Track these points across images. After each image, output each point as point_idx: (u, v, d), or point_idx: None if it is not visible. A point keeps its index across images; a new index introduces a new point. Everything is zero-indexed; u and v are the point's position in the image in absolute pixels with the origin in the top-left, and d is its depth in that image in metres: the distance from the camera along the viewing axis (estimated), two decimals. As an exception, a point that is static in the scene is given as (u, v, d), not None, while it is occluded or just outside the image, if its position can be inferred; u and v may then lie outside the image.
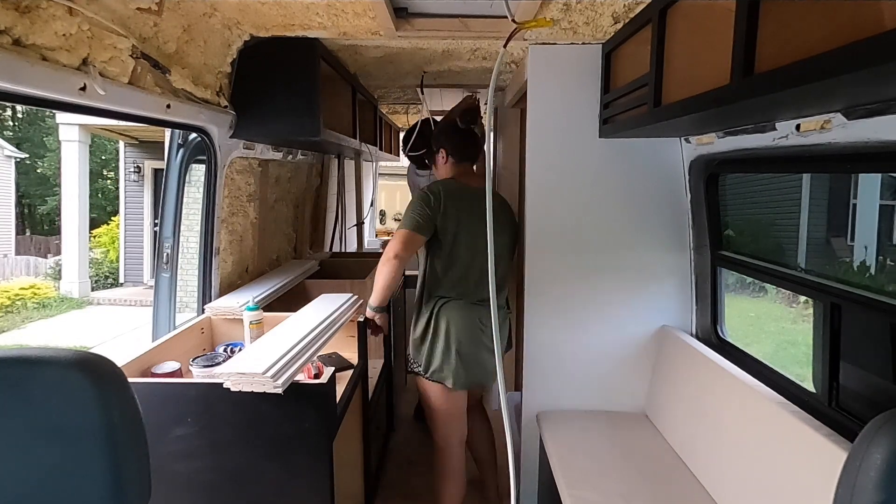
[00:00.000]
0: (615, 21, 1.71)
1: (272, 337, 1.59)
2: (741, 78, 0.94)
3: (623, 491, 1.54)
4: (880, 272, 4.65)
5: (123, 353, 1.51)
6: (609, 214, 1.94)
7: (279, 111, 1.88)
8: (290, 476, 1.40)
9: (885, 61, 0.64)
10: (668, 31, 1.28)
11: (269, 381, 1.30)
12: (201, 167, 1.94)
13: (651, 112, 1.34)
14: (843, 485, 0.72)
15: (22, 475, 0.81)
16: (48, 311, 8.04)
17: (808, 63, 0.76)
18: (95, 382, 0.81)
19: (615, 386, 2.00)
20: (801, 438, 1.19)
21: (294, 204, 2.97)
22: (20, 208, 14.19)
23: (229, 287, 2.12)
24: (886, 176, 5.30)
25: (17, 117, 15.50)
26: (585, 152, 1.91)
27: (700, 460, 1.60)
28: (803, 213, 5.70)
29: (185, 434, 1.37)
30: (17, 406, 0.80)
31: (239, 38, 1.77)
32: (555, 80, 1.89)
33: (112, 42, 1.21)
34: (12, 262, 10.08)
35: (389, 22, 1.65)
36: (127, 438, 0.83)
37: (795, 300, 5.28)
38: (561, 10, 1.69)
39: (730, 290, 2.08)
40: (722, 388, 1.54)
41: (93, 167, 11.34)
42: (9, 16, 0.95)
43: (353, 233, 3.88)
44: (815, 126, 1.11)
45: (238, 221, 2.16)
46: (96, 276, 9.42)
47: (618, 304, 1.97)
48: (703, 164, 1.76)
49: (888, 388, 1.14)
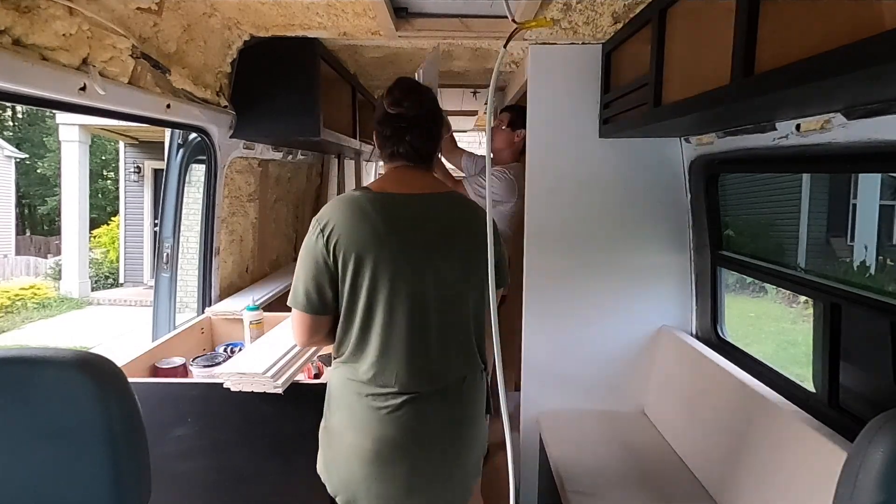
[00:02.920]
0: (615, 21, 1.71)
1: (272, 337, 1.59)
2: (741, 78, 0.94)
3: (623, 491, 1.54)
4: (880, 272, 4.65)
5: (123, 353, 1.50)
6: (609, 214, 1.94)
7: (279, 111, 1.88)
8: (290, 476, 1.40)
9: (885, 61, 0.64)
10: (668, 31, 1.28)
11: (269, 381, 1.30)
12: (201, 167, 1.94)
13: (651, 112, 1.34)
14: (843, 485, 0.72)
15: (22, 475, 0.81)
16: (48, 311, 8.04)
17: (808, 63, 0.76)
18: (95, 382, 0.80)
19: (615, 386, 1.99)
20: (801, 438, 1.19)
21: (294, 204, 2.97)
22: (20, 208, 14.18)
23: (229, 287, 2.12)
24: (886, 176, 5.30)
25: (17, 117, 15.49)
26: (585, 152, 1.91)
27: (700, 460, 1.59)
28: (803, 213, 5.70)
29: (185, 434, 1.37)
30: (17, 406, 0.80)
31: (239, 38, 1.77)
32: (555, 80, 1.89)
33: (112, 42, 1.21)
34: (12, 263, 10.07)
35: (389, 22, 1.65)
36: (127, 438, 0.83)
37: (795, 300, 5.28)
38: (561, 10, 1.69)
39: (730, 290, 2.09)
40: (722, 388, 1.54)
41: (93, 167, 11.34)
42: (9, 16, 0.95)
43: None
44: (816, 126, 1.11)
45: (238, 221, 2.16)
46: (96, 276, 9.41)
47: (618, 304, 1.96)
48: (703, 164, 1.76)
49: (888, 388, 1.14)
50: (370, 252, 1.11)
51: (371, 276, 1.11)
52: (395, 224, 1.13)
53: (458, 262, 1.17)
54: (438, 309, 1.15)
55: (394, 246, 1.12)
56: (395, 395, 1.13)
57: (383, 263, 1.11)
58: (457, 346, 1.20)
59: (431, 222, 1.17)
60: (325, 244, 1.12)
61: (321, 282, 1.13)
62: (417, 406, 1.14)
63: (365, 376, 1.13)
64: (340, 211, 1.14)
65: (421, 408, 1.14)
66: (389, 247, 1.11)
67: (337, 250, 1.11)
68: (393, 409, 1.12)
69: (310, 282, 1.14)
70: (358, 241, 1.11)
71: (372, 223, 1.12)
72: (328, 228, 1.12)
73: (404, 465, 1.14)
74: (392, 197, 1.16)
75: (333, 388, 1.20)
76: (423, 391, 1.14)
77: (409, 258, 1.13)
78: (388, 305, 1.12)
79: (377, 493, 1.14)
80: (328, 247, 1.11)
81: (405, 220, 1.14)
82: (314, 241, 1.13)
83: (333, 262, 1.12)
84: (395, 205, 1.15)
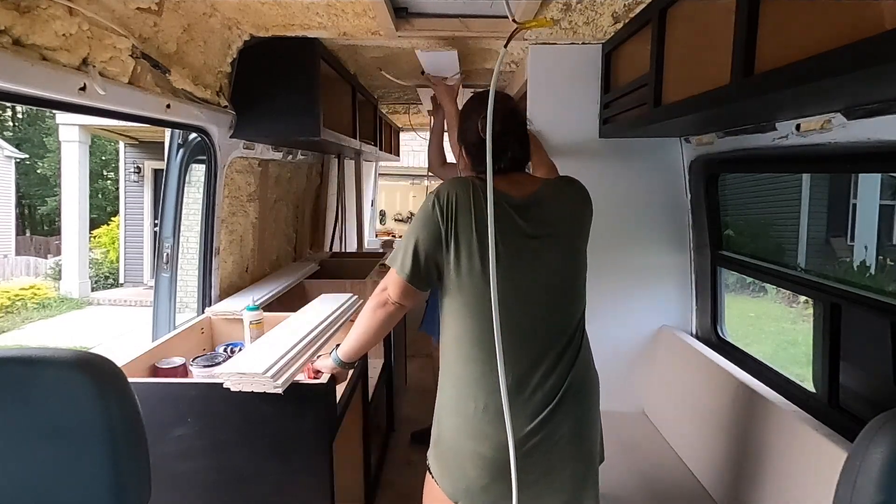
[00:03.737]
0: (615, 21, 1.71)
1: (272, 337, 1.59)
2: (741, 78, 0.94)
3: (623, 491, 1.54)
4: (880, 272, 4.65)
5: (123, 353, 1.50)
6: (609, 214, 1.93)
7: (279, 111, 1.88)
8: (290, 476, 1.40)
9: (885, 61, 0.64)
10: (668, 31, 1.28)
11: (269, 381, 1.30)
12: (201, 167, 1.94)
13: (651, 112, 1.34)
14: (843, 485, 0.72)
15: (22, 475, 0.81)
16: (48, 311, 8.04)
17: (808, 63, 0.76)
18: (95, 382, 0.80)
19: (615, 385, 1.99)
20: (801, 438, 1.19)
21: (294, 204, 2.97)
22: (20, 209, 14.18)
23: (229, 287, 2.12)
24: (886, 176, 5.30)
25: (17, 118, 15.50)
26: (585, 152, 1.91)
27: (700, 460, 1.59)
28: (803, 213, 5.70)
29: (185, 434, 1.37)
30: (17, 406, 0.80)
31: (239, 38, 1.77)
32: (555, 80, 1.89)
33: (112, 42, 1.21)
34: (12, 263, 10.08)
35: (389, 22, 1.65)
36: (127, 438, 0.83)
37: (795, 300, 5.28)
38: (561, 10, 1.69)
39: (730, 290, 2.09)
40: (722, 388, 1.54)
41: (93, 167, 11.34)
42: (9, 16, 0.95)
43: (352, 233, 3.87)
44: (816, 126, 1.11)
45: (238, 221, 2.16)
46: (96, 276, 9.42)
47: (617, 304, 1.96)
48: (703, 164, 1.76)
49: (888, 388, 1.14)
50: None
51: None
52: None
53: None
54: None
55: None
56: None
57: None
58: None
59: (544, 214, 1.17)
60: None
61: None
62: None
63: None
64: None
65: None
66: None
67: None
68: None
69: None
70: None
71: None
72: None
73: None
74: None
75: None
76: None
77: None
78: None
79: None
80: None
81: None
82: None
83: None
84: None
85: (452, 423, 1.17)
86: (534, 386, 1.12)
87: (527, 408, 1.11)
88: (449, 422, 1.18)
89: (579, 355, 1.18)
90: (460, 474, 1.16)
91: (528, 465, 1.10)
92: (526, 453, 1.10)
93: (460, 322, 1.14)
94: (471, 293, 1.11)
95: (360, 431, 1.98)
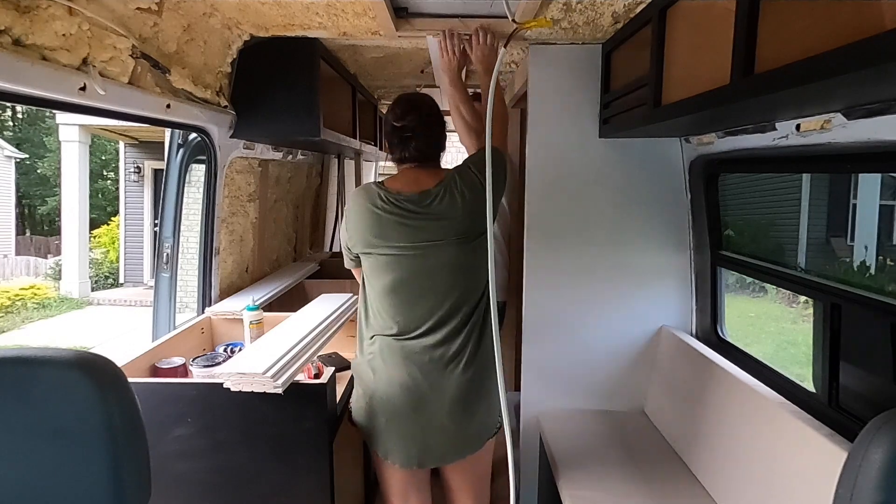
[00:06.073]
0: (615, 21, 1.71)
1: (272, 337, 1.59)
2: (741, 78, 0.94)
3: (623, 491, 1.54)
4: (880, 272, 4.65)
5: (123, 353, 1.50)
6: (609, 214, 1.94)
7: (279, 111, 1.88)
8: (290, 476, 1.40)
9: (885, 61, 0.64)
10: (667, 31, 1.28)
11: (269, 381, 1.30)
12: (201, 167, 1.94)
13: (651, 112, 1.34)
14: (843, 485, 0.72)
15: (22, 475, 0.81)
16: (48, 311, 8.04)
17: (808, 63, 0.76)
18: (95, 382, 0.80)
19: (615, 386, 1.99)
20: (801, 438, 1.19)
21: (294, 204, 2.97)
22: (20, 209, 14.18)
23: (229, 287, 2.12)
24: (886, 176, 5.30)
25: (17, 118, 15.50)
26: (585, 152, 1.91)
27: (700, 460, 1.59)
28: (803, 213, 5.70)
29: (185, 434, 1.37)
30: (17, 406, 0.80)
31: (239, 38, 1.77)
32: (555, 80, 1.89)
33: (112, 42, 1.21)
34: (12, 263, 10.08)
35: (389, 22, 1.65)
36: (127, 438, 0.83)
37: (795, 300, 5.29)
38: (561, 10, 1.68)
39: (730, 290, 2.09)
40: (722, 388, 1.54)
41: (93, 167, 11.34)
42: (9, 16, 0.95)
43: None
44: (815, 126, 1.11)
45: (238, 221, 2.16)
46: (96, 276, 9.42)
47: (617, 304, 1.96)
48: (703, 164, 1.76)
49: (888, 388, 1.14)
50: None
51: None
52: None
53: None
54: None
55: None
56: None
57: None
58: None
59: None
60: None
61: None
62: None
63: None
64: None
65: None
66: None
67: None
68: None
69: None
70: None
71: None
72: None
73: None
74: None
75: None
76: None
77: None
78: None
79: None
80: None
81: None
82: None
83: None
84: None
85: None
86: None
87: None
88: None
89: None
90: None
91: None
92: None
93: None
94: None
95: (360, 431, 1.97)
